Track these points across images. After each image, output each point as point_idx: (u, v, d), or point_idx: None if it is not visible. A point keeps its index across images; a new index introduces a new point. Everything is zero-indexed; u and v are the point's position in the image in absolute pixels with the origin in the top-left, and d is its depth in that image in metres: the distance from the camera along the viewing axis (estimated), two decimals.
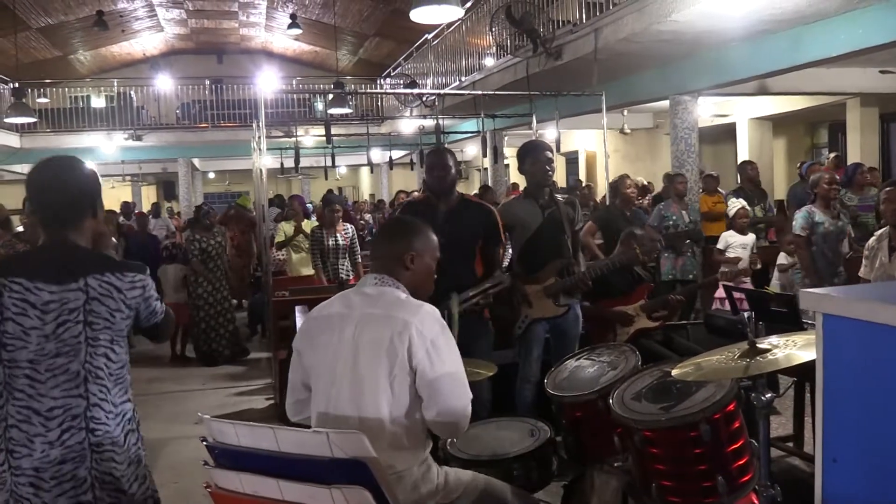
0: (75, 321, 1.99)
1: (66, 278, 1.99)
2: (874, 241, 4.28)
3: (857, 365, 1.58)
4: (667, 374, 2.47)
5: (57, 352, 1.97)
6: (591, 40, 7.37)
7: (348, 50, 21.41)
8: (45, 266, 2.01)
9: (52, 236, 2.08)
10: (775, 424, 4.45)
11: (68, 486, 1.98)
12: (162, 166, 20.48)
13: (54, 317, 1.97)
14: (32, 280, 1.97)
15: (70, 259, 2.03)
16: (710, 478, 2.21)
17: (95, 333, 2.01)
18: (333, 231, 6.71)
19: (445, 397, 2.05)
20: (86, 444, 1.99)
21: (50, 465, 1.96)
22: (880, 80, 9.09)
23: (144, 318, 2.14)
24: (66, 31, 17.94)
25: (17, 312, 1.96)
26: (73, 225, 2.07)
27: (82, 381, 2.00)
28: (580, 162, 17.69)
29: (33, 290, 1.96)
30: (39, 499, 1.96)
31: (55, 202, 2.07)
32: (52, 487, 1.96)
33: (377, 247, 2.31)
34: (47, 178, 2.09)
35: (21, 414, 1.96)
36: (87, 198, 2.12)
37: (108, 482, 2.02)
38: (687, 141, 8.57)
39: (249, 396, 6.09)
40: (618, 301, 4.35)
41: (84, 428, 1.99)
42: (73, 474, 1.98)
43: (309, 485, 1.77)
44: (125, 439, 2.08)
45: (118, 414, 2.07)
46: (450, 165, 3.80)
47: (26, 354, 1.96)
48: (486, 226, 3.81)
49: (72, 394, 1.99)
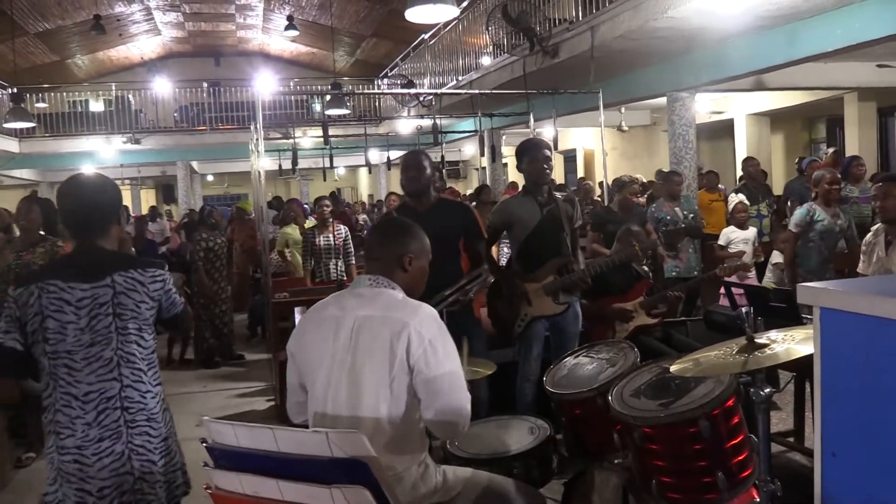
0: (105, 314, 2.25)
1: (96, 277, 2.25)
2: (871, 236, 4.29)
3: (855, 358, 1.58)
4: (666, 370, 2.47)
5: (91, 342, 2.23)
6: (588, 38, 7.38)
7: (345, 51, 21.41)
8: (77, 268, 2.28)
9: (82, 242, 2.38)
10: (776, 420, 4.45)
11: (108, 460, 2.23)
12: (161, 169, 20.47)
13: (87, 311, 2.23)
14: (66, 281, 2.24)
15: (98, 260, 2.31)
16: (710, 473, 2.21)
17: (124, 323, 2.27)
18: (325, 231, 6.68)
19: (444, 397, 2.05)
20: (121, 422, 2.25)
21: (91, 443, 2.22)
22: (878, 74, 9.08)
23: (165, 308, 2.39)
24: (63, 35, 17.94)
25: (55, 310, 2.22)
26: (100, 232, 2.36)
27: (115, 365, 2.25)
28: (578, 160, 17.69)
29: (67, 290, 2.23)
30: (84, 473, 2.21)
31: (84, 214, 2.35)
32: (94, 462, 2.21)
33: (372, 248, 2.30)
34: (76, 194, 2.38)
35: (63, 399, 2.23)
36: (112, 209, 2.41)
37: (142, 454, 2.27)
38: (685, 137, 8.57)
39: (250, 398, 6.09)
40: (617, 298, 4.35)
41: (119, 407, 2.25)
42: (112, 449, 2.23)
43: (309, 485, 1.77)
44: (162, 416, 2.36)
45: (156, 395, 2.36)
46: (424, 166, 3.85)
47: (65, 346, 2.22)
48: (464, 223, 3.87)
49: (105, 378, 2.24)
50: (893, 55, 8.32)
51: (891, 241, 4.09)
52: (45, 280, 2.25)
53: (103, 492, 2.22)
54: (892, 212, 4.04)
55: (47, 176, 20.85)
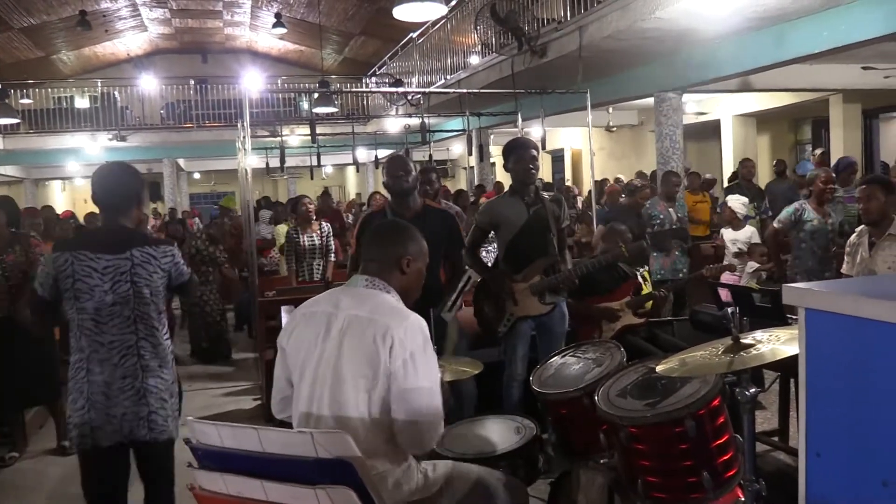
0: (125, 280, 2.74)
1: (118, 250, 2.74)
2: (855, 237, 4.31)
3: (840, 359, 1.58)
4: (652, 370, 2.47)
5: (113, 302, 2.73)
6: (576, 38, 7.39)
7: (333, 49, 21.34)
8: (104, 242, 2.78)
9: (108, 220, 2.87)
10: (760, 419, 4.47)
11: (129, 392, 2.74)
12: (147, 167, 20.26)
13: (110, 277, 2.72)
14: (94, 252, 2.73)
15: (120, 236, 2.79)
16: (696, 473, 2.21)
17: (139, 289, 2.76)
18: (309, 230, 6.62)
19: (414, 410, 2.03)
20: (138, 366, 2.76)
21: (115, 380, 2.73)
22: (863, 76, 9.15)
23: (175, 277, 2.88)
24: (48, 31, 17.77)
25: (85, 275, 2.71)
26: (123, 212, 2.84)
27: (132, 322, 2.75)
28: (566, 160, 17.73)
29: (95, 259, 2.72)
30: (110, 402, 2.72)
31: (110, 196, 2.83)
32: (117, 394, 2.73)
33: (370, 249, 2.29)
34: (105, 179, 2.87)
35: (92, 346, 2.73)
36: (134, 194, 2.88)
37: (153, 392, 2.78)
38: (672, 138, 8.60)
39: (236, 397, 6.06)
40: (603, 298, 4.36)
41: (136, 354, 2.76)
42: (132, 385, 2.74)
43: (294, 485, 1.76)
44: (170, 365, 2.86)
45: (165, 347, 2.86)
46: (410, 168, 3.85)
47: (92, 304, 2.71)
48: (448, 231, 3.87)
49: (125, 331, 2.75)
50: (879, 57, 8.38)
51: (874, 242, 4.11)
52: (77, 250, 2.74)
53: (125, 417, 2.73)
54: (876, 214, 4.06)
55: (31, 173, 20.67)
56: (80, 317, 2.73)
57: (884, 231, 4.06)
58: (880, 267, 4.01)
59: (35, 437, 5.10)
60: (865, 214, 4.12)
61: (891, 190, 4.12)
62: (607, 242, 4.58)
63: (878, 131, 12.15)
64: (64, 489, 4.29)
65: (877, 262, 4.04)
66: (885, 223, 4.07)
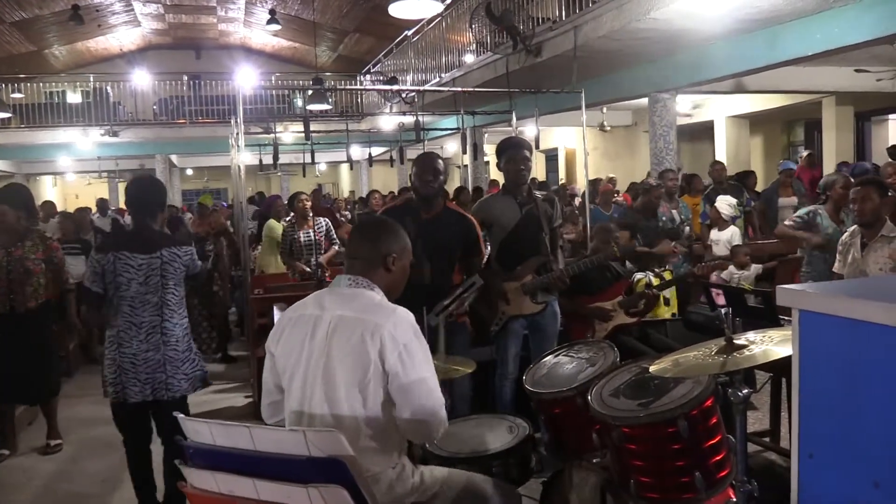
0: (155, 275, 3.42)
1: (150, 250, 3.42)
2: (847, 237, 4.32)
3: (833, 361, 1.59)
4: (645, 370, 2.47)
5: (145, 291, 3.41)
6: (571, 38, 7.40)
7: (328, 46, 21.31)
8: (139, 243, 3.44)
9: (138, 222, 3.54)
10: (752, 420, 4.49)
11: (152, 363, 3.42)
12: (139, 162, 20.25)
13: (144, 272, 3.41)
14: (132, 252, 3.40)
15: (152, 238, 3.47)
16: (688, 473, 2.22)
17: (165, 281, 3.45)
18: (305, 227, 6.58)
19: (418, 402, 2.04)
20: (160, 341, 3.44)
21: (141, 352, 3.41)
22: (855, 78, 9.20)
23: (191, 269, 3.57)
24: (40, 25, 17.67)
25: (124, 271, 3.39)
26: (152, 216, 3.52)
27: (158, 307, 3.45)
28: (559, 159, 17.76)
29: (132, 258, 3.39)
30: (137, 369, 3.41)
31: (142, 203, 3.53)
32: (142, 364, 3.41)
33: (354, 247, 2.27)
34: (139, 189, 3.58)
35: (126, 325, 3.42)
36: (160, 201, 3.61)
37: (172, 361, 3.46)
38: (665, 138, 8.62)
39: (228, 394, 6.05)
40: (595, 297, 4.36)
41: (159, 332, 3.44)
42: (154, 357, 3.43)
43: (286, 484, 1.75)
44: (184, 338, 3.54)
45: (182, 325, 3.55)
46: (441, 171, 3.73)
47: (129, 293, 3.40)
48: (466, 237, 3.77)
49: (153, 314, 3.44)
50: (871, 60, 8.43)
51: (866, 242, 4.13)
52: (119, 250, 3.40)
53: (148, 381, 3.42)
54: (870, 215, 4.07)
55: (23, 167, 20.55)
56: (119, 303, 3.41)
57: (876, 232, 4.07)
58: (871, 268, 4.02)
59: (24, 435, 5.07)
60: (860, 216, 4.12)
61: (884, 191, 4.13)
62: (597, 242, 4.59)
63: (870, 134, 12.22)
64: (54, 486, 4.27)
65: (868, 263, 4.05)
66: (877, 224, 4.09)
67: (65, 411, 5.64)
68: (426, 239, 3.56)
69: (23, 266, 4.46)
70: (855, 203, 4.12)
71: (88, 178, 22.69)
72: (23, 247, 4.50)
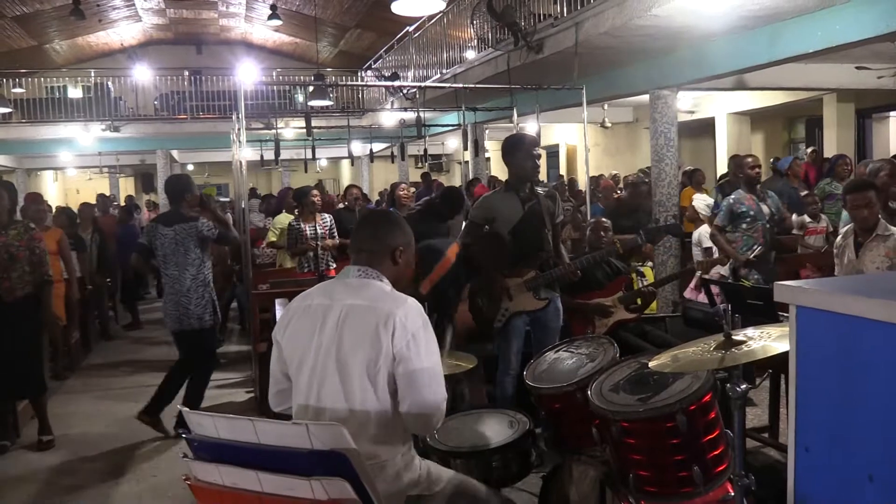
0: (177, 241, 4.79)
1: (175, 224, 4.80)
2: (840, 239, 4.30)
3: (830, 356, 1.60)
4: (644, 365, 2.49)
5: (174, 253, 4.80)
6: (572, 34, 7.39)
7: (329, 42, 21.28)
8: (168, 219, 4.88)
9: (171, 206, 4.99)
10: (751, 415, 4.51)
11: (182, 307, 4.80)
12: (140, 158, 20.23)
13: (171, 240, 4.79)
14: (165, 225, 4.83)
15: (176, 217, 4.85)
16: (686, 468, 2.24)
17: (186, 245, 4.80)
18: (312, 221, 6.61)
19: (421, 391, 2.06)
20: (183, 289, 4.78)
21: (177, 297, 4.80)
22: (856, 75, 9.19)
23: (208, 233, 4.87)
24: (41, 20, 17.64)
25: (155, 238, 4.82)
26: (178, 202, 4.90)
27: (181, 265, 4.80)
28: (561, 155, 17.75)
29: (164, 229, 4.81)
30: (166, 307, 4.88)
31: (172, 193, 4.97)
32: (175, 303, 4.81)
33: (362, 239, 2.29)
34: (168, 182, 5.22)
35: (166, 278, 4.86)
36: (183, 192, 4.91)
37: (193, 301, 4.80)
38: (666, 135, 8.61)
39: (230, 389, 6.07)
40: (595, 294, 4.38)
41: (185, 283, 4.79)
42: (179, 300, 4.80)
43: (289, 476, 1.77)
44: (205, 289, 4.88)
45: (198, 279, 4.85)
46: None
47: (164, 253, 4.80)
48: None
49: (179, 269, 4.80)
50: (872, 57, 8.42)
51: (861, 242, 4.11)
52: (157, 223, 4.90)
53: (173, 314, 4.83)
54: (874, 219, 4.03)
55: (24, 162, 20.54)
56: (161, 263, 4.84)
57: (871, 232, 4.06)
58: (868, 267, 4.02)
59: (26, 430, 5.07)
60: (865, 221, 4.06)
61: (878, 191, 4.12)
62: (591, 237, 4.61)
63: (871, 131, 12.20)
64: (56, 479, 4.30)
65: (865, 263, 4.05)
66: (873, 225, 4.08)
67: (67, 406, 5.67)
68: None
69: (7, 252, 4.50)
70: (858, 209, 4.06)
71: (89, 173, 22.66)
72: (6, 235, 4.54)
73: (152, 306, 10.15)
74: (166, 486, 4.06)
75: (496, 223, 4.00)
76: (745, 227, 5.61)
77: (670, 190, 8.20)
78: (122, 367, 7.11)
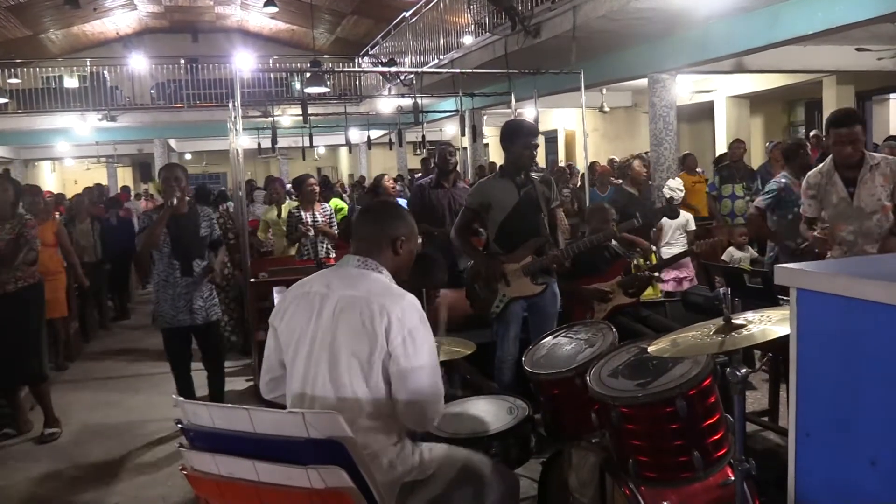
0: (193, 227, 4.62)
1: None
2: (818, 178, 3.97)
3: (831, 339, 1.59)
4: (643, 350, 2.47)
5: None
6: (570, 18, 7.35)
7: (325, 28, 21.17)
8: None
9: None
10: (751, 399, 4.50)
11: (189, 299, 4.50)
12: (137, 147, 20.21)
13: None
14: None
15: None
16: (686, 453, 2.22)
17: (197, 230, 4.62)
18: (311, 210, 6.59)
19: (416, 388, 2.05)
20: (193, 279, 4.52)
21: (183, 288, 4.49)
22: (856, 57, 9.14)
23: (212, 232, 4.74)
24: (36, 9, 17.53)
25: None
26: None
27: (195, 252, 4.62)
28: (559, 140, 17.70)
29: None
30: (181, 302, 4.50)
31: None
32: (181, 297, 4.49)
33: (362, 229, 2.27)
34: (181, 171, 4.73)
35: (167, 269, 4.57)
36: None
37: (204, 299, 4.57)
38: (665, 119, 8.59)
39: (229, 378, 6.00)
40: (595, 278, 4.36)
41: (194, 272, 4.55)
42: (192, 293, 4.51)
43: (285, 465, 1.76)
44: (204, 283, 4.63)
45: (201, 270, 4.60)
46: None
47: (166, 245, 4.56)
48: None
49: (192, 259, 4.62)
50: (872, 39, 8.37)
51: (850, 178, 3.82)
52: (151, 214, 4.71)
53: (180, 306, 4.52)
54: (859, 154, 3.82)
55: (21, 153, 20.51)
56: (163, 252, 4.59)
57: (856, 169, 3.87)
58: (866, 200, 3.81)
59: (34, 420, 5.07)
60: (849, 157, 3.77)
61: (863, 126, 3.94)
62: (595, 223, 4.58)
63: (870, 113, 12.16)
64: (56, 469, 4.29)
65: (862, 197, 3.85)
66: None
67: (67, 396, 5.67)
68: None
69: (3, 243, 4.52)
70: (842, 144, 3.83)
71: (87, 163, 22.62)
72: (2, 229, 4.57)
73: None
74: (165, 477, 4.06)
75: (492, 209, 3.98)
76: (791, 218, 4.83)
77: (669, 174, 8.17)
78: (121, 356, 7.10)
